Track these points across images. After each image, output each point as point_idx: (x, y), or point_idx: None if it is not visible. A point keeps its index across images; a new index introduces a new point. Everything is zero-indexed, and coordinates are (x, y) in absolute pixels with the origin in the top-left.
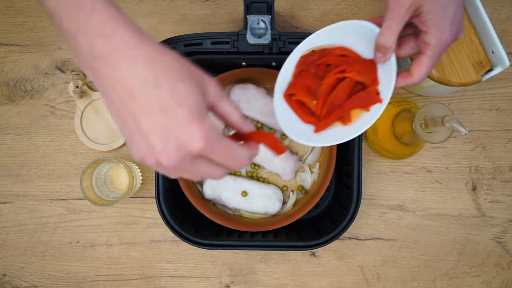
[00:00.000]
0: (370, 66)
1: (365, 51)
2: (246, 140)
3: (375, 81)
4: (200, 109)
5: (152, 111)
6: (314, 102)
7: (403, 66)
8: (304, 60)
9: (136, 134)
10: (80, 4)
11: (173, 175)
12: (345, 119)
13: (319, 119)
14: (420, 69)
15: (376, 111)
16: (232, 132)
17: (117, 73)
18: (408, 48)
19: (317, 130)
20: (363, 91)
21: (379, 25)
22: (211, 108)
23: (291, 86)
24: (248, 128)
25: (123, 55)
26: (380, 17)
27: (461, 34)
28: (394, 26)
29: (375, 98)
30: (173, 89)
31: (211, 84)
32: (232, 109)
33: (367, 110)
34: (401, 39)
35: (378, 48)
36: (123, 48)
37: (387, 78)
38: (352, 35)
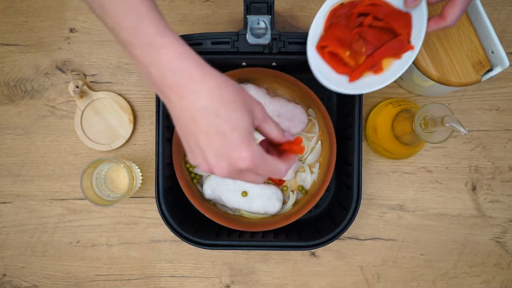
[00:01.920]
0: (401, 14)
1: (395, 0)
2: (279, 147)
3: (406, 28)
4: (249, 134)
5: (210, 134)
6: (347, 53)
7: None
8: (334, 13)
9: (195, 148)
10: (151, 41)
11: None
12: (376, 68)
13: (352, 70)
14: (453, 11)
15: (408, 59)
16: (261, 138)
17: (184, 101)
18: None
19: (352, 79)
20: (394, 39)
21: None
22: (256, 128)
23: (323, 38)
24: (285, 139)
25: (190, 88)
26: None
27: None
28: None
29: (407, 45)
30: (229, 118)
31: (258, 109)
32: (273, 128)
33: (399, 58)
34: None
35: None
36: (190, 82)
37: (418, 24)
38: None
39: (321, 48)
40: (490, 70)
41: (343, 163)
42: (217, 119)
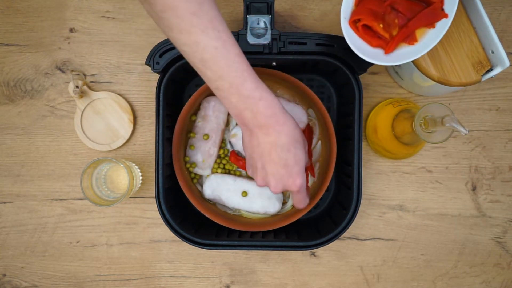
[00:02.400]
0: None
1: None
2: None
3: None
4: (304, 165)
5: (278, 165)
6: (381, 25)
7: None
8: None
9: (259, 169)
10: (251, 95)
11: None
12: (411, 39)
13: (387, 42)
14: None
15: (442, 27)
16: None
17: (268, 138)
18: None
19: (387, 52)
20: (427, 9)
21: None
22: None
23: (355, 12)
24: (309, 164)
25: (275, 129)
26: None
27: None
28: None
29: (440, 13)
30: (295, 154)
31: (307, 145)
32: (307, 157)
33: (433, 27)
34: None
35: None
36: (276, 125)
37: None
38: None
39: (353, 22)
40: (490, 70)
41: (343, 163)
42: (288, 154)
